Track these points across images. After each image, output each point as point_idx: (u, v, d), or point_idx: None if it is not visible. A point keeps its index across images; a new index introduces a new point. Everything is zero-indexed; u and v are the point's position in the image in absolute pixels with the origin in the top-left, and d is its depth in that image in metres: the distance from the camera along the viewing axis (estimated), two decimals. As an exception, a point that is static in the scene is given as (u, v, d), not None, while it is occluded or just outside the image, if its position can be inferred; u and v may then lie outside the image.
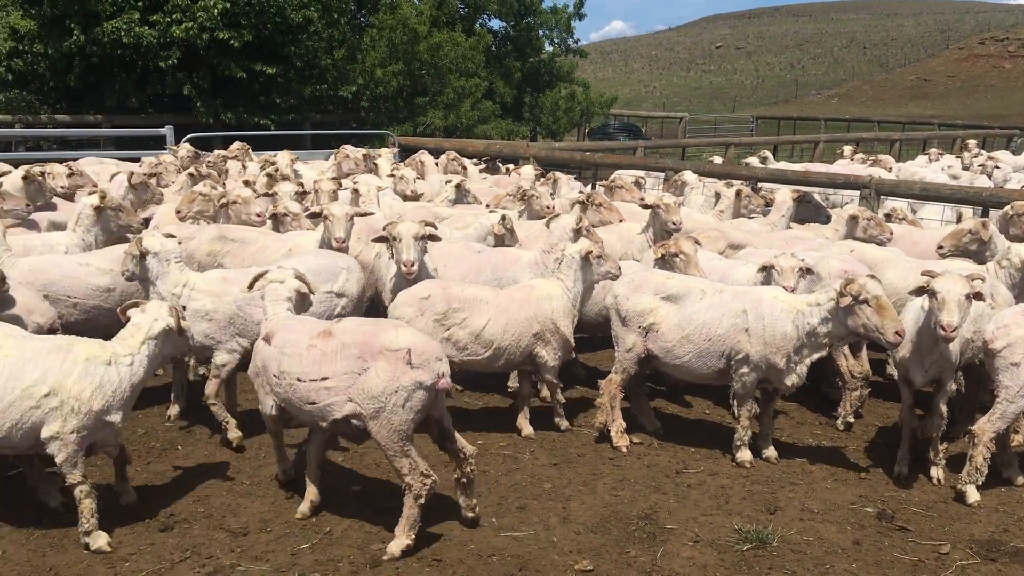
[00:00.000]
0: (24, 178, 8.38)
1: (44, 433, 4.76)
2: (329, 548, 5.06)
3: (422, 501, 4.90)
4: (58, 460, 4.83)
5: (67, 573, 4.73)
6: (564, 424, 6.89)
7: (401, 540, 4.94)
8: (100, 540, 4.92)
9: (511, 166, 15.66)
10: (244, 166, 12.47)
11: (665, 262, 7.07)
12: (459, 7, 28.55)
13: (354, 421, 4.89)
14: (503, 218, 8.32)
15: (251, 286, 5.68)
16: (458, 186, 10.70)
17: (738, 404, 6.39)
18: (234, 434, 6.31)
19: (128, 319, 5.25)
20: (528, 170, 13.10)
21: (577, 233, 7.56)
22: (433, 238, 7.06)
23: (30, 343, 4.98)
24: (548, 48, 32.18)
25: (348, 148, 13.62)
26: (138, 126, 19.13)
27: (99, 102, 19.62)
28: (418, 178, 11.69)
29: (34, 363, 4.81)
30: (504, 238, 8.28)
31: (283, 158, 11.97)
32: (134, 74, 19.80)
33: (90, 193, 7.46)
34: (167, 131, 15.52)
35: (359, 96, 24.01)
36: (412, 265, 6.85)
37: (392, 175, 11.26)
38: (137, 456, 6.17)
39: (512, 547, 5.12)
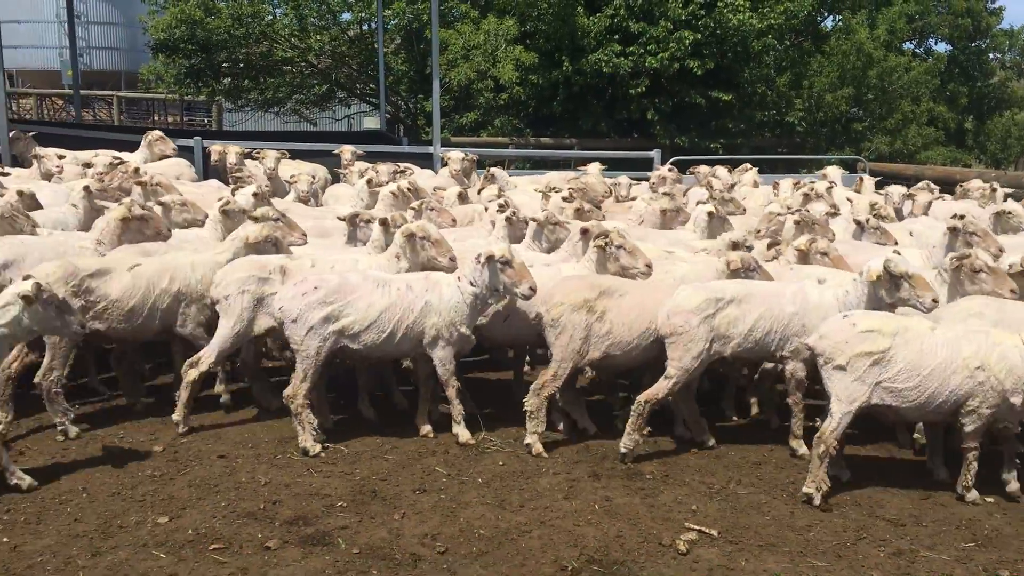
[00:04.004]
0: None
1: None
2: (994, 550, 5.37)
3: None
4: (969, 430, 5.73)
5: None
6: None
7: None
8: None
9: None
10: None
11: None
12: (910, 31, 27.56)
13: None
14: None
15: None
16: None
17: None
18: None
19: None
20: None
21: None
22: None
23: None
24: (1000, 72, 29.98)
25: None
26: (603, 149, 20.94)
27: (573, 127, 21.77)
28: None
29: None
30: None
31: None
32: (604, 101, 21.76)
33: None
34: (655, 154, 16.81)
35: (801, 121, 24.16)
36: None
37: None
38: (763, 446, 6.94)
39: None
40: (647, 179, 14.38)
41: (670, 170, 14.31)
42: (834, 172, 12.44)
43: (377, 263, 7.02)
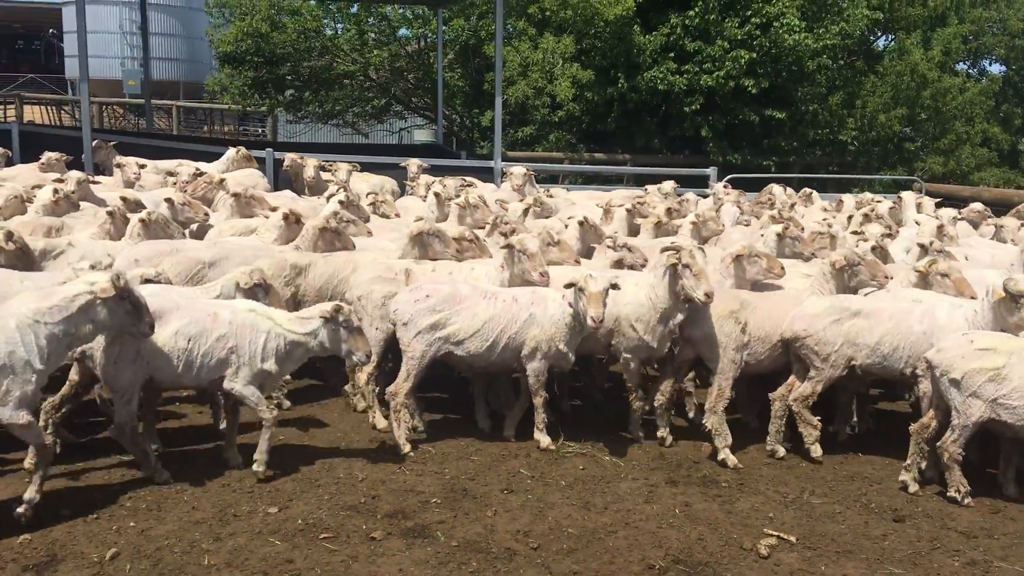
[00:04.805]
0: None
1: None
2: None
3: None
4: None
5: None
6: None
7: None
8: None
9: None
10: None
11: None
12: (965, 52, 27.52)
13: None
14: None
15: None
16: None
17: None
18: None
19: None
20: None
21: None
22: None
23: None
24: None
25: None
26: (655, 165, 21.17)
27: (627, 143, 22.07)
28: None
29: None
30: None
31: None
32: (657, 117, 22.05)
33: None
34: (711, 171, 17.02)
35: (853, 140, 24.22)
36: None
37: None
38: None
39: None
40: (703, 197, 14.61)
41: (725, 187, 14.53)
42: (909, 197, 12.56)
43: (487, 272, 7.40)
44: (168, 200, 9.08)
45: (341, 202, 9.18)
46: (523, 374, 6.98)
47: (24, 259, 7.26)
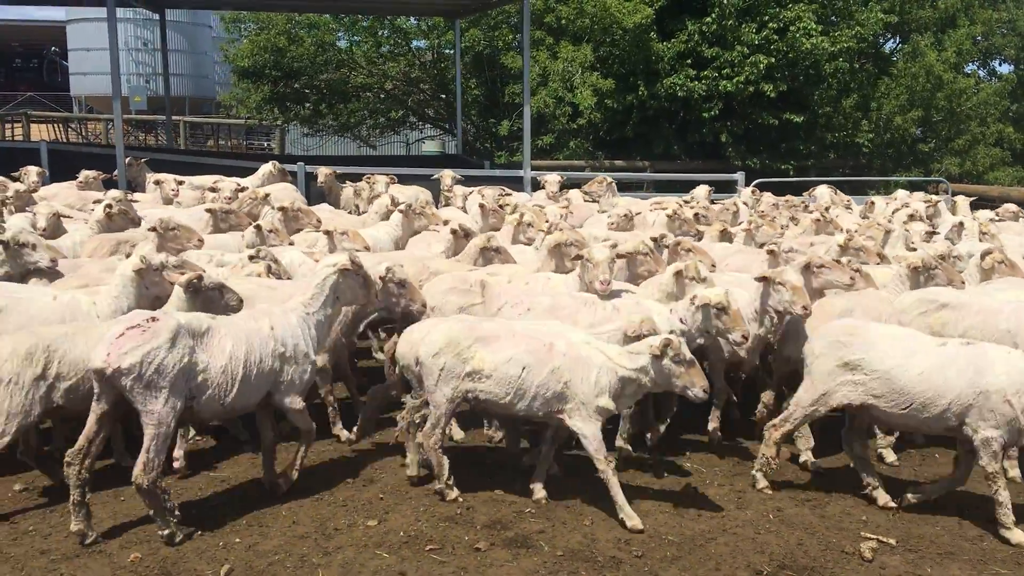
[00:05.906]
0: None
1: None
2: None
3: None
4: None
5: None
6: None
7: None
8: None
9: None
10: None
11: None
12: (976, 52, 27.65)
13: None
14: None
15: None
16: None
17: None
18: None
19: None
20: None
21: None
22: None
23: None
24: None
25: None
26: (673, 171, 21.23)
27: (646, 150, 22.09)
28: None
29: None
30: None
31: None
32: (676, 124, 22.10)
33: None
34: (739, 176, 17.06)
35: (868, 142, 24.29)
36: None
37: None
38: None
39: None
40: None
41: (753, 192, 14.55)
42: (963, 201, 12.63)
43: (564, 282, 7.40)
44: (257, 227, 9.00)
45: (402, 212, 9.16)
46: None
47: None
